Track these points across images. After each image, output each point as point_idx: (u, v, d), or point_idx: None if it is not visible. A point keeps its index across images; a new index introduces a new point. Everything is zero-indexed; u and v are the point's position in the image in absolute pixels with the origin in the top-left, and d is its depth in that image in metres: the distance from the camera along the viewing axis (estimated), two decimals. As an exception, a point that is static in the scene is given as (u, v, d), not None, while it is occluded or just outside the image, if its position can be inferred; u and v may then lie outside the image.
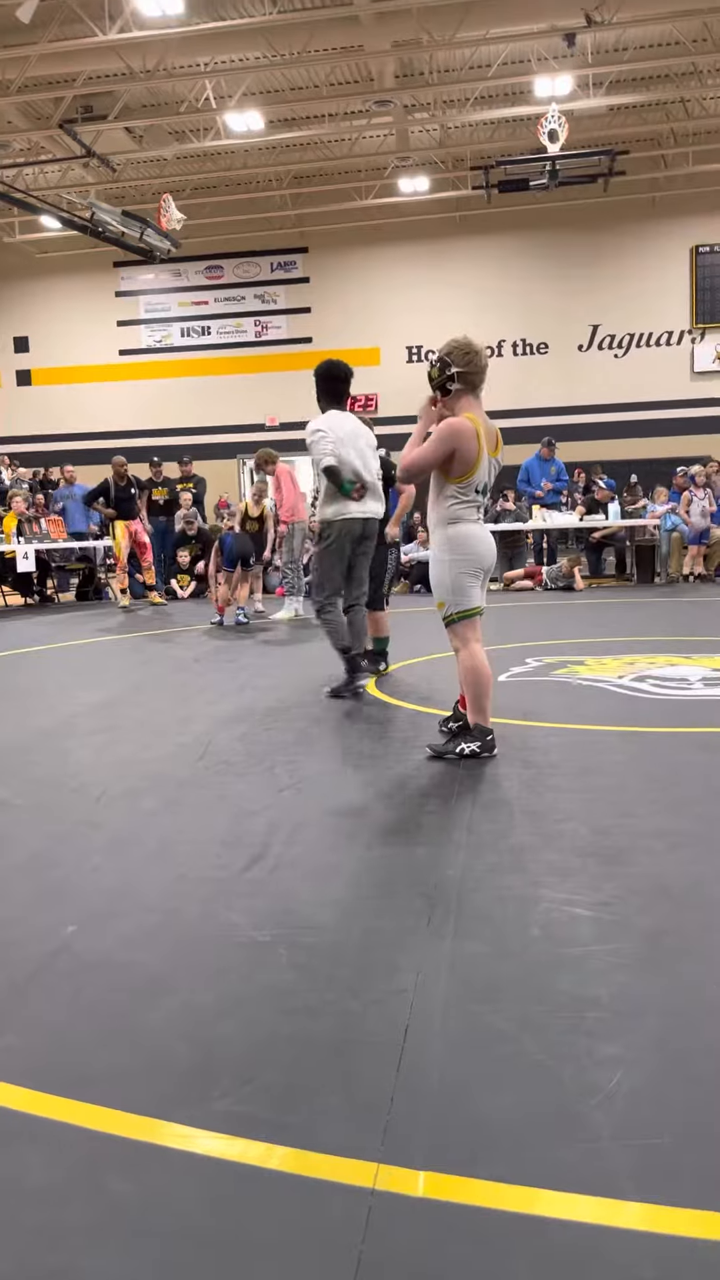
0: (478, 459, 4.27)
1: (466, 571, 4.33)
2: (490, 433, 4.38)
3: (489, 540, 4.43)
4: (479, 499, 4.36)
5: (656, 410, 20.55)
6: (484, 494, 4.38)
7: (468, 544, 4.33)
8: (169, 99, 16.57)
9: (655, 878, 2.85)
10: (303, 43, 14.07)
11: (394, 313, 21.43)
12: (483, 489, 4.36)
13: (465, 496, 4.33)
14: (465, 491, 4.32)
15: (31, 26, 13.40)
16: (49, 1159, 1.72)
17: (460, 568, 4.33)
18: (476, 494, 4.34)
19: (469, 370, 4.31)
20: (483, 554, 4.37)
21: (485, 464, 4.32)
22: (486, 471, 4.34)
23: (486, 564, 4.41)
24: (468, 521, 4.34)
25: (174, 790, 3.97)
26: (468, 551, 4.33)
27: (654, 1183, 1.58)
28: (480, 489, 4.35)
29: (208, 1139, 1.74)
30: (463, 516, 4.34)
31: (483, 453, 4.29)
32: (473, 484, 4.31)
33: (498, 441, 4.44)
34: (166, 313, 22.95)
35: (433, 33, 14.02)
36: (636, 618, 9.47)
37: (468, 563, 4.33)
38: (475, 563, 4.34)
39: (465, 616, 4.37)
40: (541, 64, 15.30)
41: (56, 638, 9.51)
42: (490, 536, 4.46)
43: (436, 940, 2.48)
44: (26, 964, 2.45)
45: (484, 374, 4.40)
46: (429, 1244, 1.47)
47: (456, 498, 4.33)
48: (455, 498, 4.33)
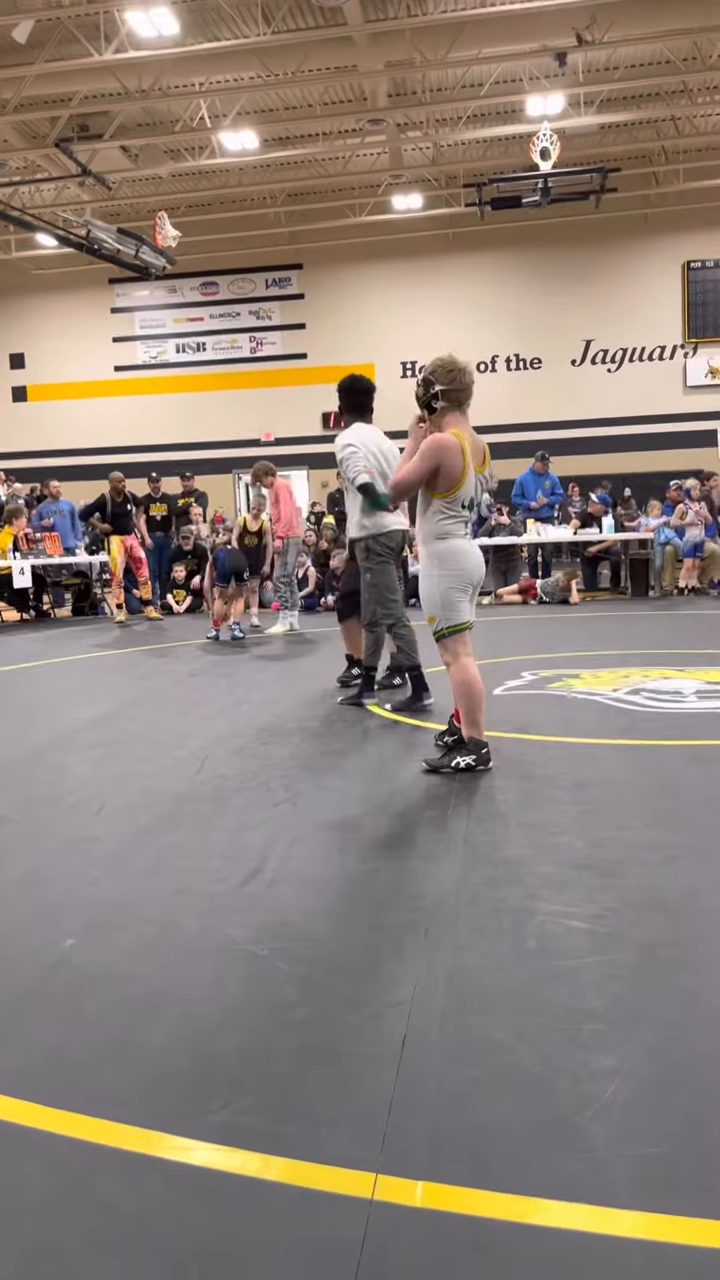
0: (463, 474, 4.32)
1: (455, 587, 4.37)
2: (477, 448, 4.45)
3: (477, 555, 4.48)
4: (466, 514, 4.42)
5: (650, 424, 20.66)
6: (471, 509, 4.44)
7: (456, 559, 4.37)
8: (164, 118, 16.69)
9: (650, 890, 2.87)
10: (297, 63, 14.19)
11: (388, 328, 21.54)
12: (469, 504, 4.42)
13: (452, 511, 4.38)
14: (452, 506, 4.37)
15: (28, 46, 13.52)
16: (49, 1171, 1.73)
17: (449, 583, 4.37)
18: (463, 509, 4.40)
19: (453, 388, 4.39)
20: (470, 569, 4.42)
21: (471, 479, 4.38)
22: (473, 487, 4.41)
23: (475, 579, 4.46)
24: (455, 537, 4.39)
25: (171, 805, 3.98)
26: (456, 567, 4.37)
27: (651, 1191, 1.60)
28: (467, 504, 4.41)
29: (207, 1151, 1.75)
30: (450, 532, 4.39)
31: (468, 468, 4.34)
32: (459, 499, 4.37)
33: (485, 457, 4.52)
34: (162, 329, 23.05)
35: (425, 53, 14.14)
36: (631, 631, 9.50)
37: (456, 578, 4.37)
38: (464, 578, 4.39)
39: (455, 631, 4.40)
40: (533, 83, 15.44)
41: (53, 653, 9.52)
42: (478, 551, 4.51)
43: (433, 952, 2.50)
44: (26, 978, 2.46)
45: (469, 391, 4.46)
46: (428, 1253, 1.49)
47: (443, 513, 4.38)
48: (442, 513, 4.38)
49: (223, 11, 13.46)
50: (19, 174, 18.24)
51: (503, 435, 19.93)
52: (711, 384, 20.77)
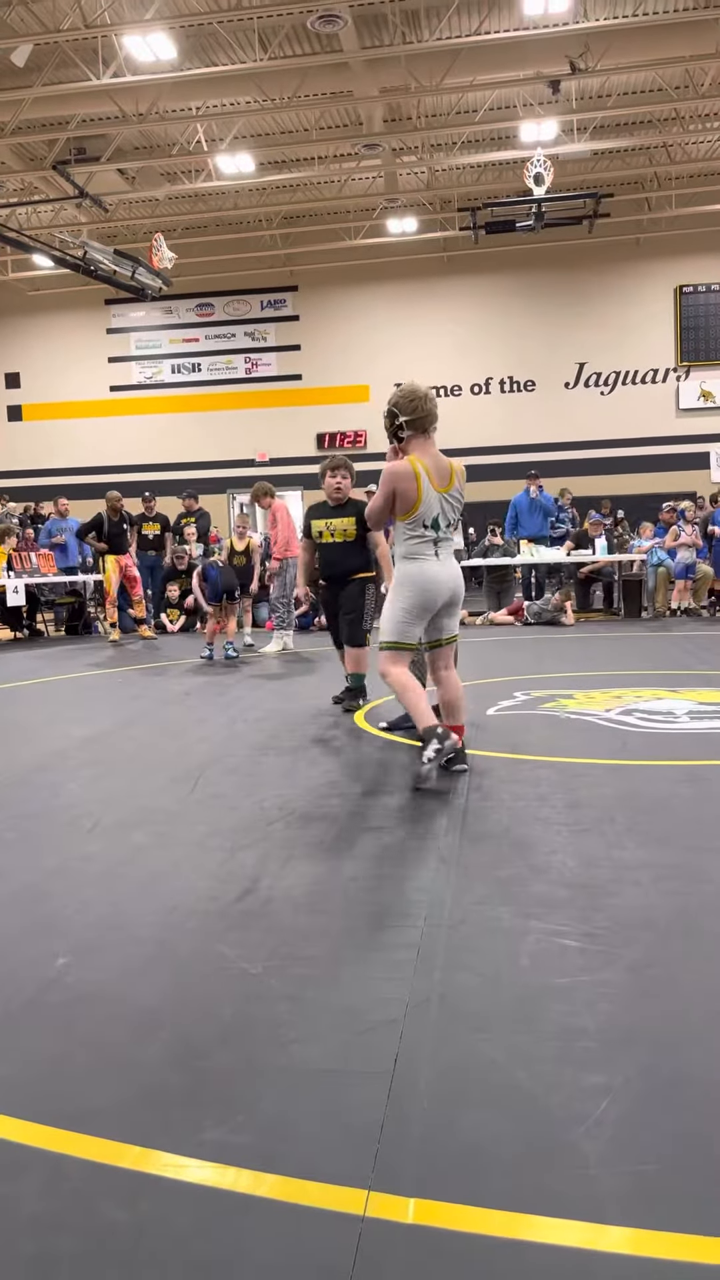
0: (418, 496, 4.50)
1: (408, 609, 4.56)
2: (440, 469, 4.58)
3: (441, 579, 4.57)
4: (431, 533, 4.55)
5: (642, 447, 20.80)
6: (436, 528, 4.56)
7: (414, 583, 4.55)
8: (161, 141, 16.85)
9: (642, 910, 2.89)
10: (293, 88, 14.35)
11: (383, 350, 21.68)
12: (433, 523, 4.55)
13: (414, 532, 4.56)
14: (414, 527, 4.56)
15: (26, 70, 13.66)
16: (43, 1188, 1.73)
17: (403, 604, 4.56)
18: (426, 529, 4.55)
19: (416, 416, 4.59)
20: (427, 595, 4.54)
21: (431, 500, 4.53)
22: (435, 506, 4.54)
23: (433, 603, 4.58)
24: (420, 559, 4.55)
25: (165, 823, 3.99)
26: (412, 591, 4.54)
27: (641, 1208, 1.61)
28: (430, 523, 4.55)
29: (200, 1168, 1.76)
30: (416, 554, 4.56)
31: (422, 489, 4.50)
32: (419, 519, 4.53)
33: (451, 476, 4.62)
34: (157, 349, 23.16)
35: (420, 79, 14.32)
36: (623, 652, 9.54)
37: (410, 600, 4.55)
38: (420, 602, 4.54)
39: (393, 648, 4.60)
40: (527, 109, 15.63)
41: (46, 672, 9.52)
42: (445, 573, 4.60)
43: (426, 971, 2.50)
44: (19, 995, 2.47)
45: (433, 417, 4.65)
46: (420, 1270, 1.49)
47: (407, 534, 4.57)
48: (406, 534, 4.58)
49: (220, 37, 13.61)
50: (16, 195, 18.38)
51: (496, 457, 20.10)
52: (703, 407, 20.93)
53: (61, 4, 12.70)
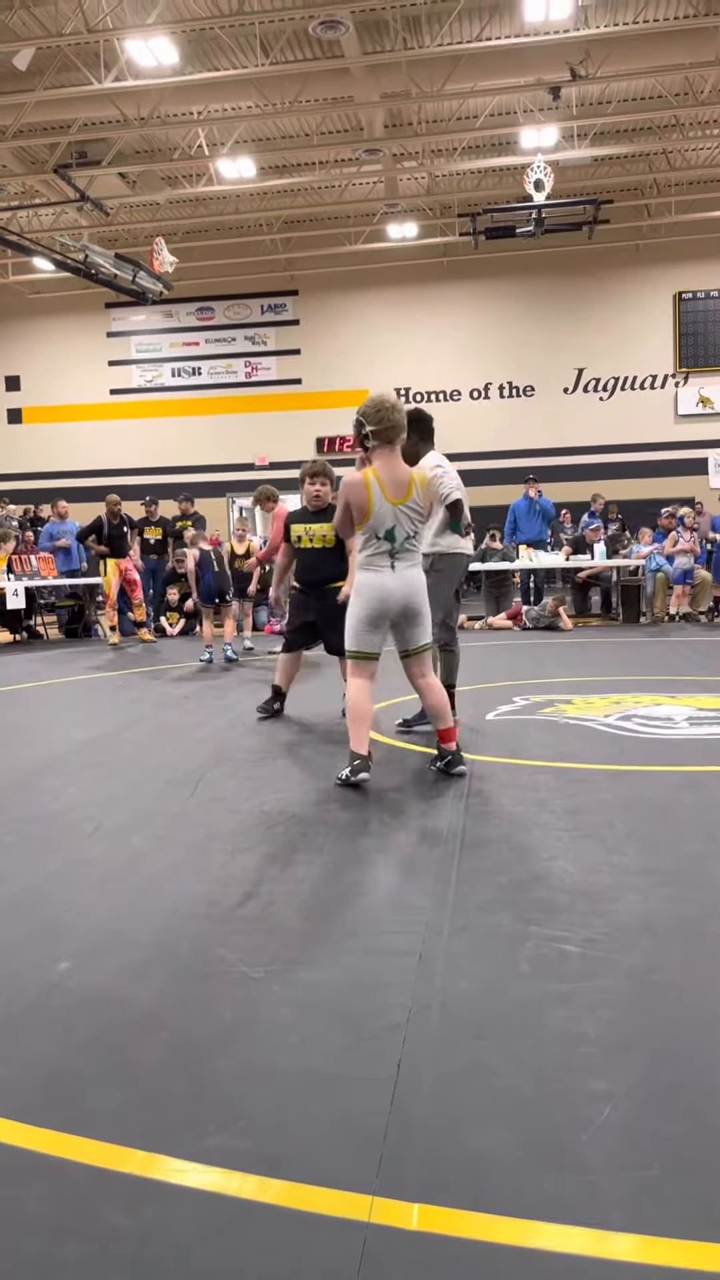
0: (368, 507, 4.54)
1: (361, 616, 4.62)
2: (397, 481, 4.59)
3: (392, 590, 4.60)
4: (385, 544, 4.59)
5: (641, 452, 20.83)
6: (392, 539, 4.58)
7: (368, 593, 4.61)
8: (162, 145, 16.87)
9: (642, 915, 2.89)
10: (294, 93, 14.37)
11: (382, 355, 21.70)
12: (386, 534, 4.58)
13: (369, 542, 4.61)
14: (368, 538, 4.61)
15: (28, 74, 13.68)
16: (46, 1193, 1.74)
17: (356, 612, 4.64)
18: (379, 539, 4.58)
19: (381, 427, 4.61)
20: (379, 605, 4.59)
21: (383, 511, 4.56)
22: (390, 518, 4.57)
23: (386, 613, 4.62)
24: (374, 569, 4.61)
25: (165, 827, 3.99)
26: (366, 600, 4.61)
27: (645, 1214, 1.61)
28: (383, 535, 4.58)
29: (203, 1173, 1.76)
30: (370, 564, 4.63)
31: (373, 500, 4.54)
32: (371, 529, 4.59)
33: (409, 488, 4.61)
34: (158, 353, 23.18)
35: (421, 85, 14.34)
36: (622, 657, 9.55)
37: (364, 610, 4.61)
38: (373, 611, 4.60)
39: (356, 656, 4.67)
40: (527, 116, 15.66)
41: (46, 675, 9.51)
42: (398, 585, 4.61)
43: (428, 976, 2.51)
44: (20, 999, 2.47)
45: (399, 429, 4.67)
46: (425, 1276, 1.50)
47: (363, 544, 4.64)
48: (363, 544, 4.64)
49: (221, 42, 13.64)
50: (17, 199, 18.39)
51: (495, 462, 20.12)
52: (702, 413, 20.96)
53: (64, 8, 12.72)
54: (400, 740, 5.62)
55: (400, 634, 4.72)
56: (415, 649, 4.74)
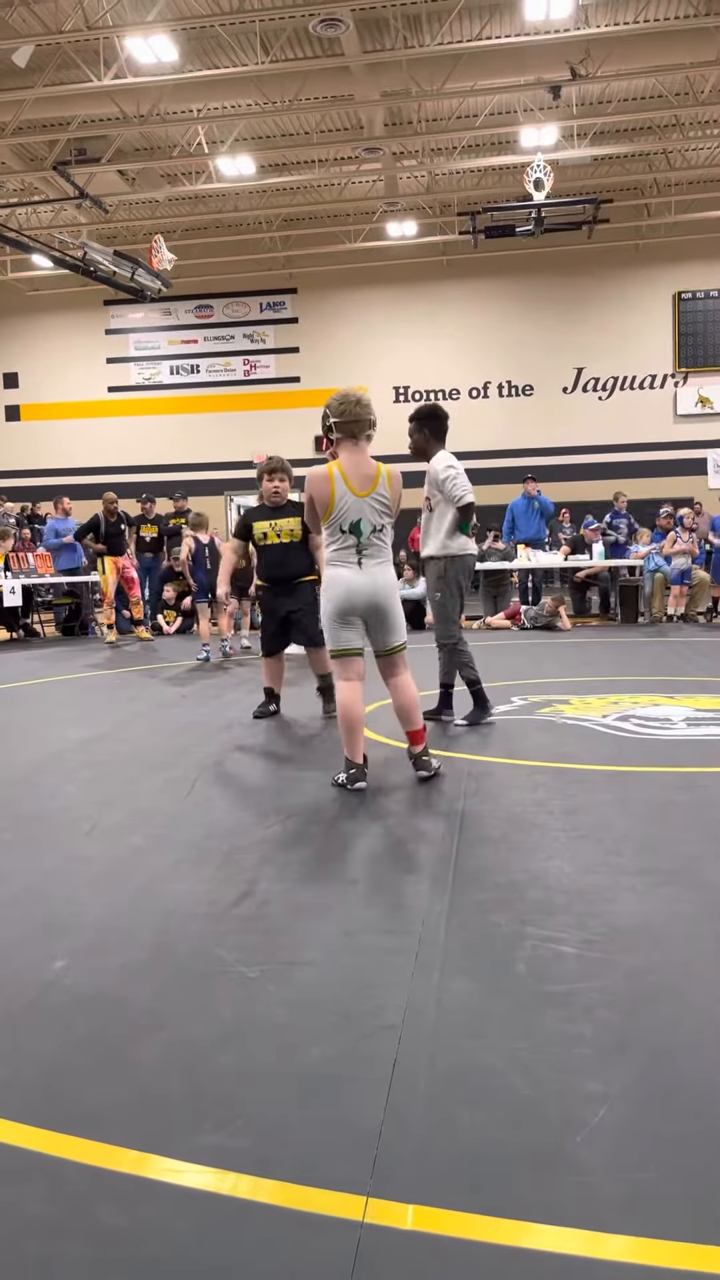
0: (331, 501, 4.50)
1: (330, 614, 4.58)
2: (362, 474, 4.55)
3: (358, 587, 4.53)
4: (351, 538, 4.54)
5: (640, 452, 20.83)
6: (358, 533, 4.53)
7: (333, 588, 4.57)
8: (162, 143, 16.86)
9: (639, 916, 2.89)
10: (294, 91, 14.36)
11: (381, 354, 21.70)
12: (351, 528, 4.53)
13: (334, 537, 4.57)
14: (332, 532, 4.57)
15: (27, 70, 13.66)
16: (43, 1193, 1.74)
17: (328, 609, 4.59)
18: (344, 533, 4.54)
19: (344, 420, 4.58)
20: (346, 600, 4.53)
21: (348, 505, 4.51)
22: (355, 511, 4.52)
23: (354, 608, 4.56)
24: (340, 565, 4.56)
25: (163, 826, 3.99)
26: (333, 595, 4.56)
27: (640, 1215, 1.61)
28: (347, 528, 4.53)
29: (198, 1173, 1.76)
30: (336, 559, 4.58)
31: (337, 494, 4.50)
32: (335, 524, 4.54)
33: (375, 481, 4.56)
34: (156, 351, 23.16)
35: (421, 84, 14.34)
36: (620, 657, 9.55)
37: (332, 605, 4.56)
38: (340, 608, 4.55)
39: (337, 655, 4.62)
40: (527, 115, 15.66)
41: (43, 673, 9.51)
42: (364, 582, 4.54)
43: (424, 976, 2.51)
44: (18, 998, 2.47)
45: (364, 424, 4.62)
46: (419, 1276, 1.50)
47: (329, 539, 4.61)
48: (328, 539, 4.61)
49: (222, 40, 13.63)
50: (16, 196, 18.37)
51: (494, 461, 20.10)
52: (701, 413, 20.96)
53: (63, 5, 12.70)
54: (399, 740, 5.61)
55: (372, 635, 4.66)
56: (388, 650, 4.67)
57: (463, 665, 5.97)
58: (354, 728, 4.53)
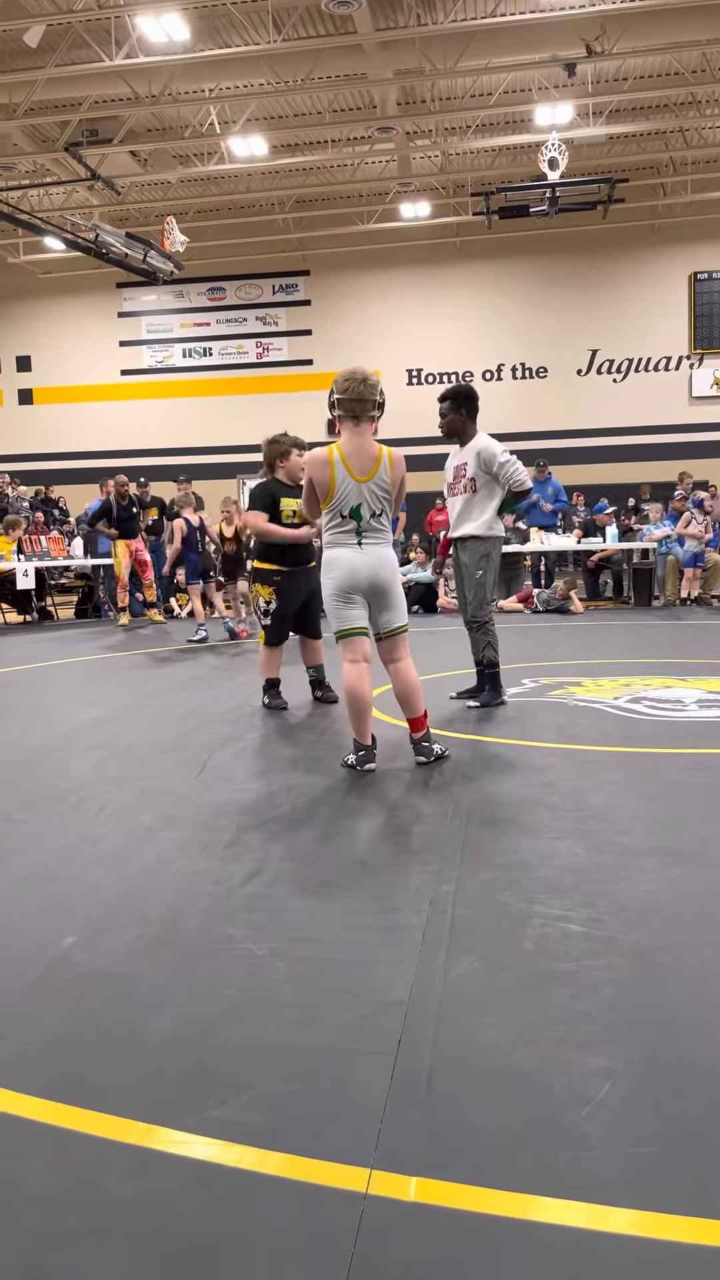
0: (331, 485, 4.45)
1: (333, 593, 4.53)
2: (363, 458, 4.47)
3: (358, 565, 4.49)
4: (351, 523, 4.49)
5: (655, 434, 20.70)
6: (358, 518, 4.48)
7: (334, 568, 4.52)
8: (174, 123, 16.78)
9: (648, 895, 2.89)
10: (306, 70, 14.26)
11: (394, 336, 21.61)
12: (351, 513, 4.48)
13: (334, 521, 4.52)
14: (332, 516, 4.52)
15: (39, 51, 13.61)
16: (50, 1163, 1.75)
17: (330, 589, 4.55)
18: (344, 518, 4.49)
19: (345, 397, 4.49)
20: (348, 578, 4.49)
21: (348, 489, 4.45)
22: (355, 496, 4.46)
23: (355, 586, 4.50)
24: (340, 546, 4.52)
25: (173, 805, 4.00)
26: (334, 574, 4.52)
27: (644, 1189, 1.61)
28: (348, 513, 4.48)
29: (204, 1144, 1.77)
30: (336, 541, 4.54)
31: (337, 478, 4.44)
32: (335, 508, 4.49)
33: (376, 465, 4.48)
34: (168, 333, 23.13)
35: (435, 62, 14.22)
36: (633, 640, 9.52)
37: (334, 584, 4.51)
38: (341, 586, 4.50)
39: (341, 635, 4.57)
40: (542, 93, 15.52)
41: (56, 655, 9.55)
42: (364, 561, 4.49)
43: (431, 954, 2.51)
44: (27, 973, 2.48)
45: (365, 404, 4.50)
46: (422, 1247, 1.51)
47: (329, 522, 4.56)
48: (328, 522, 4.56)
49: (233, 18, 13.54)
50: (28, 177, 18.33)
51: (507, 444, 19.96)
52: (717, 395, 20.82)
53: (74, -16, 12.65)
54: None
55: (373, 616, 4.61)
56: (389, 631, 4.61)
57: (488, 645, 5.98)
58: (362, 710, 4.51)
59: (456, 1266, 1.47)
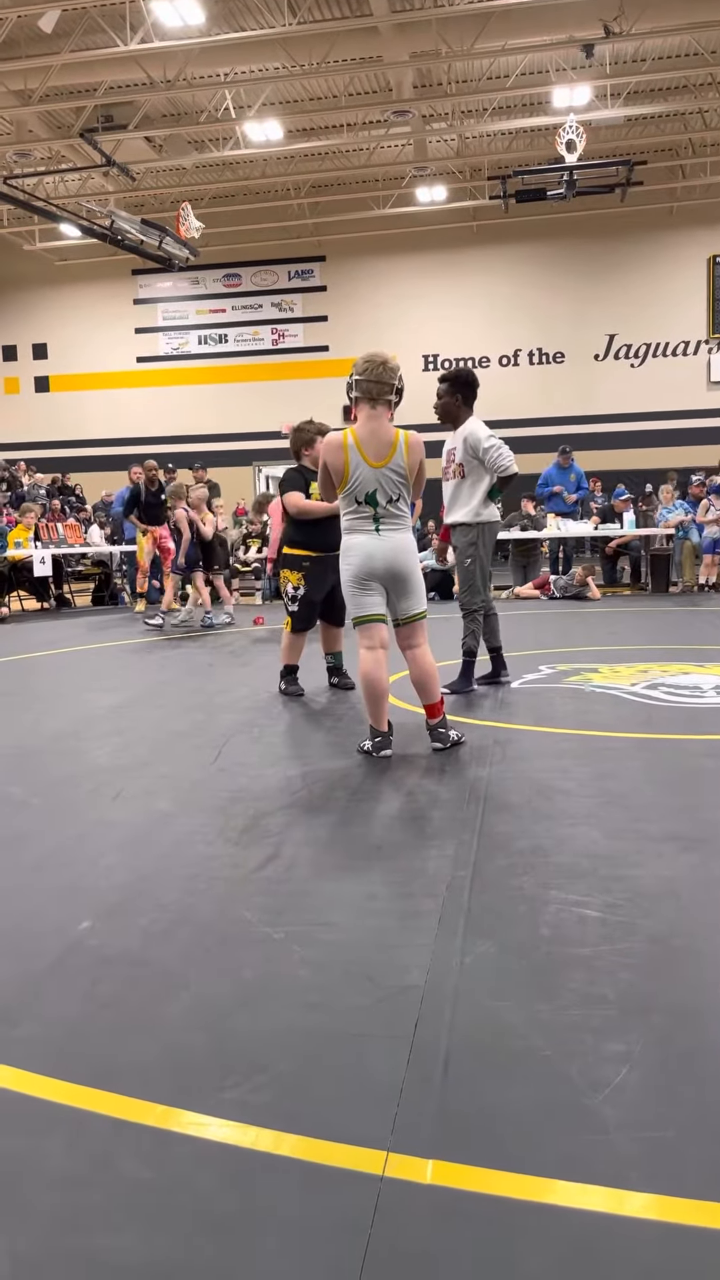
0: (346, 470, 4.41)
1: (350, 580, 4.51)
2: (379, 444, 4.41)
3: (375, 552, 4.45)
4: (367, 509, 4.45)
5: (673, 420, 20.55)
6: (374, 504, 4.43)
7: (351, 554, 4.49)
8: (189, 109, 16.72)
9: (664, 881, 2.88)
10: (322, 53, 14.17)
11: (411, 321, 21.51)
12: (367, 499, 4.43)
13: (349, 507, 4.49)
14: (348, 502, 4.49)
15: (54, 36, 13.58)
16: (69, 1145, 1.76)
17: (347, 576, 4.53)
18: (360, 504, 4.45)
19: (365, 378, 4.44)
20: (365, 564, 4.45)
21: (364, 476, 4.40)
22: (371, 482, 4.41)
23: (372, 572, 4.46)
24: (357, 533, 4.49)
25: (189, 791, 4.01)
26: (351, 560, 4.49)
27: (660, 1173, 1.61)
28: (364, 499, 4.44)
29: (221, 1126, 1.78)
30: (354, 528, 4.51)
31: (351, 463, 4.39)
32: (351, 494, 4.45)
33: (392, 451, 4.43)
34: (184, 320, 23.10)
35: (451, 44, 14.10)
36: (650, 626, 9.47)
37: (351, 571, 4.49)
38: (358, 573, 4.47)
39: (358, 621, 4.55)
40: (559, 74, 15.38)
41: (72, 641, 9.58)
42: (382, 547, 4.45)
43: (447, 938, 2.51)
44: (44, 957, 2.50)
45: (383, 387, 4.45)
46: (438, 1229, 1.51)
47: (344, 508, 4.52)
48: (344, 508, 4.53)
49: (249, 1, 13.46)
50: (43, 164, 18.31)
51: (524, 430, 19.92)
52: (735, 379, 20.65)
53: (89, -32, 12.60)
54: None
55: (391, 602, 4.57)
56: (407, 618, 4.59)
57: (471, 634, 5.95)
58: (378, 696, 4.50)
59: (473, 1249, 1.47)
